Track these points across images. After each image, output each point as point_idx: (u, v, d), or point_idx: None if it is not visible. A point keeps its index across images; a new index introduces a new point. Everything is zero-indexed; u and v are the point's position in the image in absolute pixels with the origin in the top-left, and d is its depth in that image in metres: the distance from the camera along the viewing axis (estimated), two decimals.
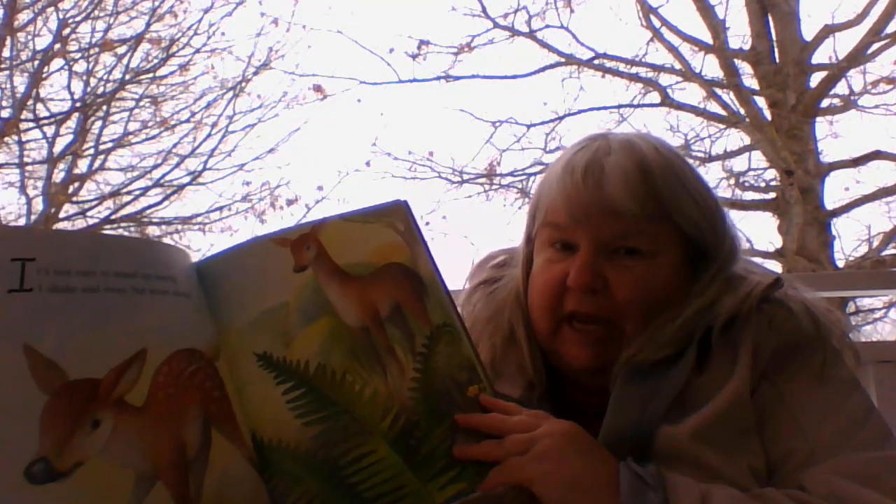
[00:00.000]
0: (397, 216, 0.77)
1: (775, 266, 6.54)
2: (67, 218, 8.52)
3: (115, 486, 0.54)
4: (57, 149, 8.49)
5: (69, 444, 0.53)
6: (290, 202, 8.99)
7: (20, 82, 8.35)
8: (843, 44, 7.09)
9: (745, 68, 7.39)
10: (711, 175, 7.53)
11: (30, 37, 8.55)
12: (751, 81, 7.34)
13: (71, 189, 8.56)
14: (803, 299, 0.80)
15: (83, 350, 0.56)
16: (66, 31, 8.65)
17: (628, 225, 0.79)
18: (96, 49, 8.66)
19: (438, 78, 8.50)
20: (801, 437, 0.72)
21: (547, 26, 8.16)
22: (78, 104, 8.57)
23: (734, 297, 0.78)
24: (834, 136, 7.42)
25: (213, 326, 0.69)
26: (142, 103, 8.94)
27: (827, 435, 0.71)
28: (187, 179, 8.88)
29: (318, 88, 9.06)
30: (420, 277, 0.75)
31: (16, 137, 8.31)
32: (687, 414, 0.72)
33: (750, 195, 7.26)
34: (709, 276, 0.81)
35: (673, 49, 7.69)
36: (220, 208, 8.83)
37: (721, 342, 0.77)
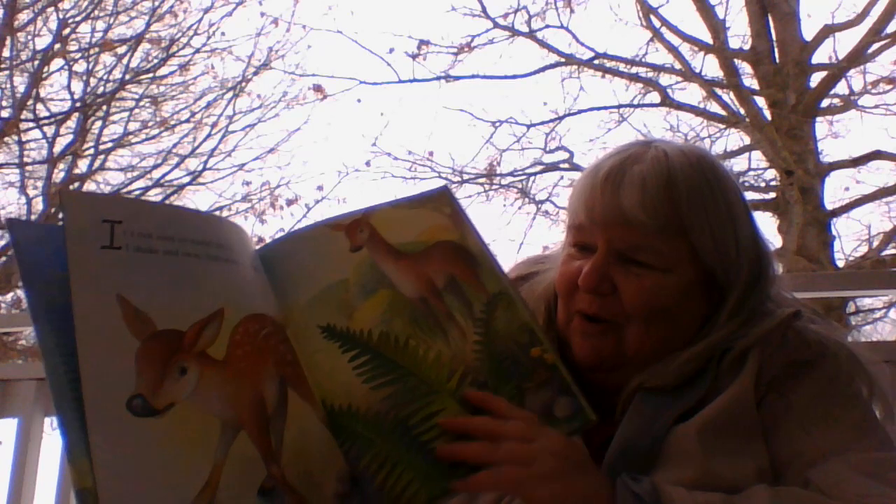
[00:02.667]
0: (442, 201, 0.81)
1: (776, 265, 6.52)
2: None
3: (205, 430, 0.60)
4: (57, 149, 8.49)
5: (162, 386, 0.59)
6: (289, 202, 9.00)
7: (20, 82, 8.36)
8: (843, 44, 7.10)
9: (745, 68, 7.40)
10: None
11: (30, 37, 8.55)
12: (751, 81, 7.34)
13: (71, 189, 8.55)
14: (820, 329, 0.81)
15: (168, 305, 0.62)
16: (66, 31, 8.64)
17: (640, 237, 0.79)
18: (96, 49, 8.66)
19: (438, 78, 8.51)
20: (808, 441, 0.74)
21: (547, 26, 8.16)
22: (78, 104, 8.56)
23: (755, 331, 0.78)
24: (834, 136, 7.41)
25: (278, 304, 0.73)
26: (142, 103, 8.95)
27: (833, 439, 0.73)
28: (187, 179, 8.89)
29: (318, 88, 9.07)
30: (470, 252, 0.78)
31: (16, 137, 8.31)
32: (694, 414, 0.74)
33: (750, 195, 7.26)
34: (727, 307, 0.81)
35: (673, 49, 7.69)
36: (221, 208, 8.83)
37: (733, 359, 0.78)
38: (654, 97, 7.85)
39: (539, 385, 0.73)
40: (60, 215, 0.62)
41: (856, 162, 6.85)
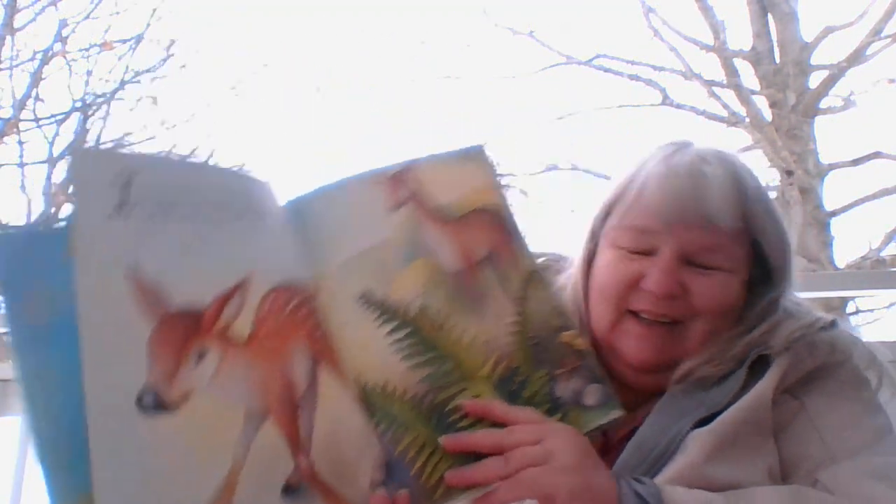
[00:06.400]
0: (482, 157, 0.75)
1: None
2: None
3: (226, 422, 0.53)
4: (57, 149, 8.49)
5: (176, 376, 0.52)
6: None
7: (20, 82, 8.35)
8: (844, 44, 7.09)
9: (745, 67, 7.39)
10: None
11: (30, 37, 8.55)
12: (751, 81, 7.33)
13: (71, 189, 8.53)
14: (848, 335, 0.81)
15: (185, 276, 0.55)
16: (67, 31, 8.64)
17: (718, 240, 0.78)
18: (96, 49, 8.65)
19: (438, 78, 8.50)
20: (819, 443, 0.73)
21: (547, 26, 8.15)
22: (78, 104, 8.56)
23: (791, 327, 0.78)
24: (834, 136, 7.42)
25: (310, 265, 0.66)
26: (142, 103, 8.94)
27: (846, 443, 0.73)
28: None
29: (319, 88, 9.06)
30: (509, 222, 0.74)
31: (16, 137, 8.30)
32: (715, 418, 0.73)
33: None
34: (767, 299, 0.82)
35: (673, 49, 7.68)
36: None
37: (760, 359, 0.78)
38: (655, 97, 7.85)
39: (569, 372, 0.70)
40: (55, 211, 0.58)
41: (856, 162, 6.85)
